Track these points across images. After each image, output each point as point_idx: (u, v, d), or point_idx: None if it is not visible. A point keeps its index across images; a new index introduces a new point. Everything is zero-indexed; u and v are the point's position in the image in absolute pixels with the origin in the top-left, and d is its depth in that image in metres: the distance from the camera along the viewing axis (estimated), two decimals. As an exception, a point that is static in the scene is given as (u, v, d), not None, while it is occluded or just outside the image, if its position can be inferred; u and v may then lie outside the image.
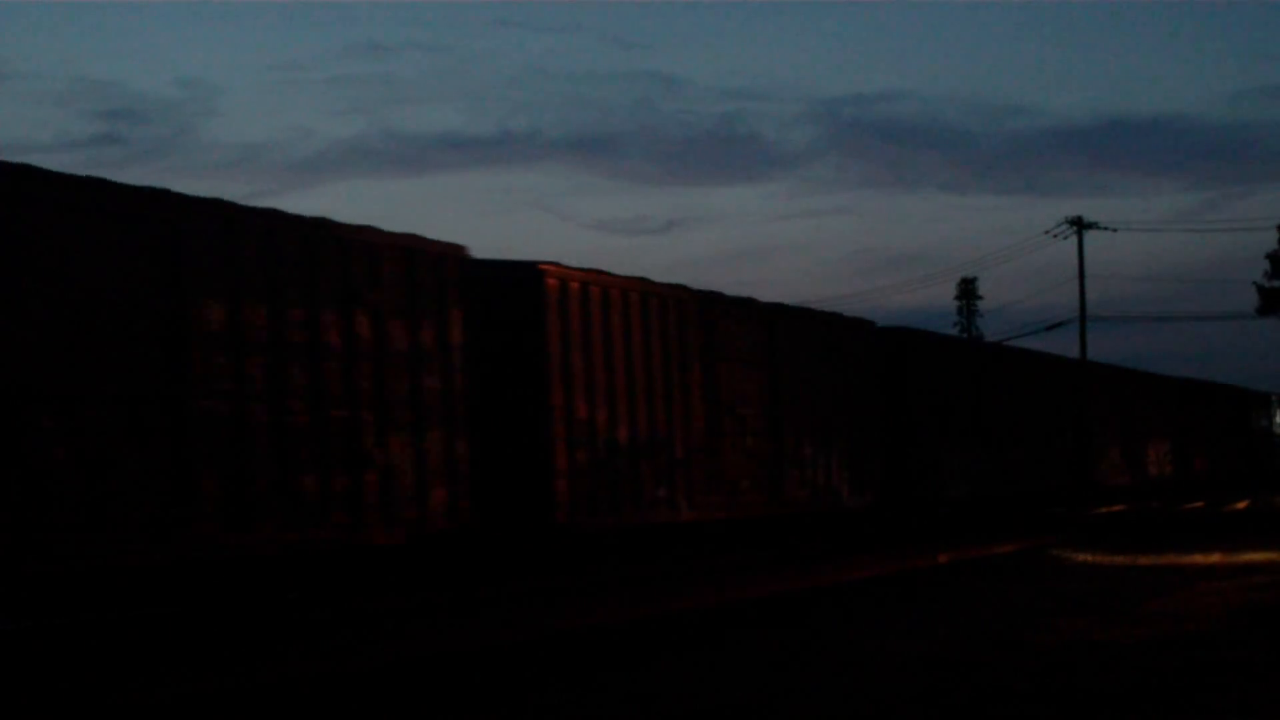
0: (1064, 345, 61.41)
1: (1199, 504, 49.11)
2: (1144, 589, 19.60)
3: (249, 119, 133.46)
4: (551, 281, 21.63)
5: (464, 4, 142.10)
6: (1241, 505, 47.76)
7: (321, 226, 17.94)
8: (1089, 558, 26.11)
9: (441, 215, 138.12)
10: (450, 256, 19.75)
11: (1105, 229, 60.29)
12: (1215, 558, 24.95)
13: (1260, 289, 74.61)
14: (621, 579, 20.77)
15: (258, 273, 16.95)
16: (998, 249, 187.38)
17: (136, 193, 15.76)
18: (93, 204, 15.32)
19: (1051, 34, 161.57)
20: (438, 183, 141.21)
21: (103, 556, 15.10)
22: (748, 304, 26.60)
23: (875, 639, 14.40)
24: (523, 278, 21.34)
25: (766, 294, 59.05)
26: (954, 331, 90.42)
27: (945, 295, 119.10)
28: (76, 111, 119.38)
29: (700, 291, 24.93)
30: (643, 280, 23.56)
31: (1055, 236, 60.55)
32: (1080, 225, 59.79)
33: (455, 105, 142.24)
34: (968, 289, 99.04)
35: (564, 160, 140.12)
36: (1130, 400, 49.51)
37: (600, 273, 22.60)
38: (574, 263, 22.09)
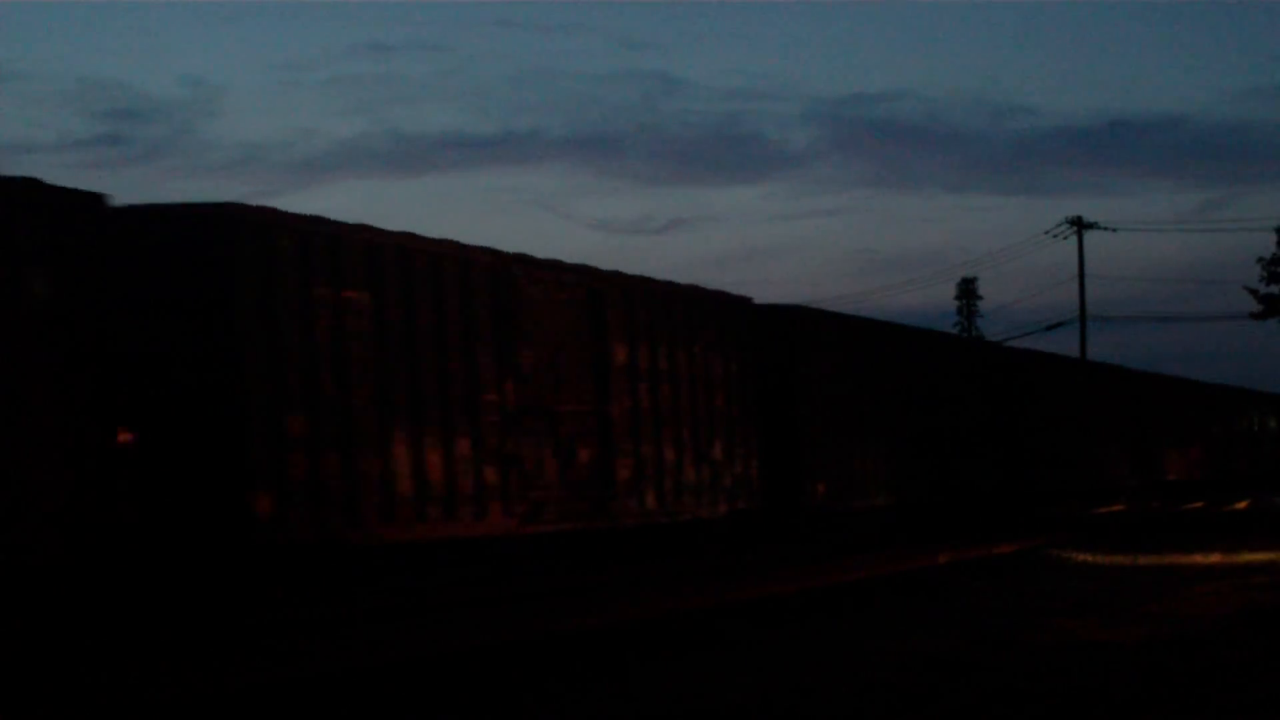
0: (1064, 345, 62.85)
1: (1198, 504, 50.66)
2: (1144, 589, 19.88)
3: (251, 119, 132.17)
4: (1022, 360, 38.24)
5: (466, 4, 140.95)
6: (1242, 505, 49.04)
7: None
8: (1089, 558, 26.47)
9: (443, 215, 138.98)
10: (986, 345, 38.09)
11: (1105, 229, 61.28)
12: (1215, 558, 25.30)
13: (1255, 294, 73.43)
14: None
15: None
16: (998, 249, 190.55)
17: (853, 319, 30.22)
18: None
19: (1052, 34, 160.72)
20: (439, 182, 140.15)
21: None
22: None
23: (875, 639, 14.60)
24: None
25: (767, 294, 61.85)
26: (954, 330, 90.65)
27: (945, 295, 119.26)
28: (79, 111, 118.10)
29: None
30: None
31: (1055, 236, 61.39)
32: (1080, 225, 60.55)
33: (457, 105, 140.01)
34: (968, 289, 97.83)
35: (565, 160, 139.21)
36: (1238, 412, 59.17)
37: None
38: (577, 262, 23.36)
